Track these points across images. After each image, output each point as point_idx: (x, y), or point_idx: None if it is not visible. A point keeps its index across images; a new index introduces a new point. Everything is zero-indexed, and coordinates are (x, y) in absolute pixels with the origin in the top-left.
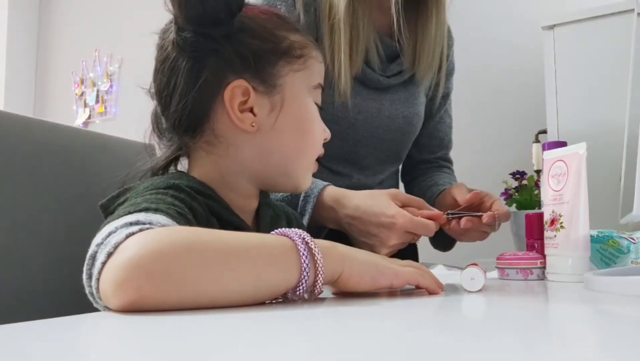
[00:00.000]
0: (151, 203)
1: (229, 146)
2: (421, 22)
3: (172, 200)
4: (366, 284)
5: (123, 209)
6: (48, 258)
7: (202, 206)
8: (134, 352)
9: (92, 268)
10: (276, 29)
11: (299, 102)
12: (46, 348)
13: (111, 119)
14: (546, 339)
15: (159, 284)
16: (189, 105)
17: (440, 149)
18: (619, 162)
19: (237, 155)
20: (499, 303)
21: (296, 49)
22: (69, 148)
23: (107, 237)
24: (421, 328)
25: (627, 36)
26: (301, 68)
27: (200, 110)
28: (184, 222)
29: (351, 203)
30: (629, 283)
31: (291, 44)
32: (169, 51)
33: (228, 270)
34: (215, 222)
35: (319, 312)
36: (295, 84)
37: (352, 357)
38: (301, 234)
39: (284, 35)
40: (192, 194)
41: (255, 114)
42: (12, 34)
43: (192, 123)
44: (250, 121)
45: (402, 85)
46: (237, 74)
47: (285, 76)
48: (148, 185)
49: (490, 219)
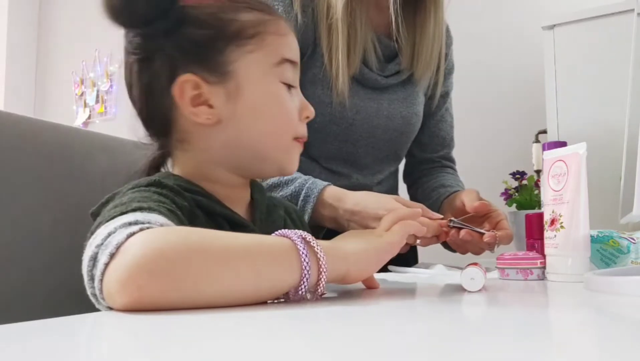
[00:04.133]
0: (139, 202)
1: (199, 141)
2: (419, 20)
3: (158, 197)
4: (373, 269)
5: (113, 210)
6: (48, 258)
7: (189, 201)
8: (135, 352)
9: (93, 269)
10: (222, 13)
11: (258, 84)
12: (46, 348)
13: (111, 119)
14: (546, 339)
15: (160, 283)
16: (148, 107)
17: (442, 148)
18: (619, 162)
19: (209, 148)
20: (499, 303)
21: (247, 29)
22: (69, 148)
23: (106, 238)
24: (421, 327)
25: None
26: (255, 49)
27: (160, 110)
28: (176, 219)
29: (351, 199)
30: (629, 283)
31: (241, 25)
32: (124, 57)
33: (229, 270)
34: (201, 215)
35: (318, 311)
36: (250, 66)
37: (352, 357)
38: (301, 234)
39: (232, 17)
40: (175, 190)
41: (212, 106)
42: (12, 34)
43: (159, 124)
44: (205, 114)
45: (400, 85)
46: (184, 69)
47: (237, 61)
48: (130, 186)
49: (491, 239)
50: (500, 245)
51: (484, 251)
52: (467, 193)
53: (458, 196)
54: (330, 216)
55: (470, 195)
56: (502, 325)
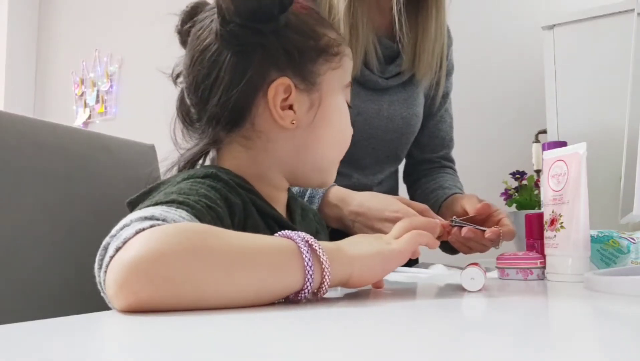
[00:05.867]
0: (181, 195)
1: (268, 142)
2: (421, 21)
3: (207, 190)
4: (378, 275)
5: (153, 199)
6: (48, 258)
7: (242, 198)
8: (135, 352)
9: (103, 258)
10: (316, 26)
11: (335, 101)
12: (46, 348)
13: (111, 119)
14: (546, 339)
15: (158, 288)
16: (232, 100)
17: (442, 148)
18: (619, 162)
19: (275, 150)
20: (499, 303)
21: (333, 47)
22: (69, 148)
23: (120, 229)
24: (421, 328)
25: (627, 36)
26: (337, 66)
27: (242, 105)
28: (211, 216)
29: (356, 200)
30: (629, 283)
31: (329, 42)
32: (209, 42)
33: (229, 277)
34: (255, 213)
35: (320, 313)
36: (331, 82)
37: (352, 357)
38: (304, 237)
39: (323, 32)
40: (231, 184)
41: (295, 112)
42: (12, 34)
43: (232, 118)
44: (290, 118)
45: (400, 86)
46: (280, 71)
47: (324, 74)
48: (185, 175)
49: (494, 235)
50: (504, 241)
51: (488, 248)
52: (468, 198)
53: (458, 202)
54: (336, 216)
55: (470, 200)
56: (502, 325)
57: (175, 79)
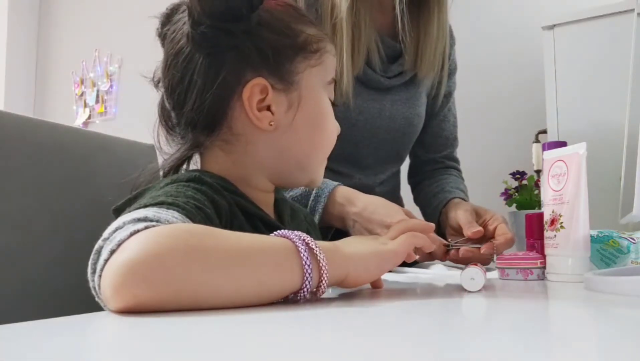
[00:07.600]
0: (169, 197)
1: (247, 144)
2: (423, 21)
3: (193, 193)
4: (373, 275)
5: (142, 203)
6: (48, 258)
7: (228, 200)
8: (135, 352)
9: (96, 263)
10: (293, 23)
11: (315, 99)
12: (46, 348)
13: (111, 119)
14: (546, 339)
15: (156, 290)
16: (206, 104)
17: (445, 147)
18: (619, 162)
19: (255, 153)
20: (499, 303)
21: (312, 44)
22: (69, 148)
23: (113, 232)
24: (421, 327)
25: (627, 36)
26: (317, 63)
27: (218, 109)
28: (201, 217)
29: (361, 202)
30: (629, 283)
31: (307, 38)
32: (181, 44)
33: (228, 277)
34: (240, 215)
35: (318, 312)
36: (311, 80)
37: (352, 357)
38: (302, 237)
39: (301, 28)
40: (215, 187)
41: (273, 112)
42: (12, 34)
43: (208, 121)
44: (268, 119)
45: (403, 86)
46: (255, 71)
47: (302, 72)
48: (169, 180)
49: (488, 250)
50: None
51: (491, 260)
52: (463, 213)
53: (454, 214)
54: (339, 215)
55: (465, 216)
56: (502, 325)
57: (157, 84)
